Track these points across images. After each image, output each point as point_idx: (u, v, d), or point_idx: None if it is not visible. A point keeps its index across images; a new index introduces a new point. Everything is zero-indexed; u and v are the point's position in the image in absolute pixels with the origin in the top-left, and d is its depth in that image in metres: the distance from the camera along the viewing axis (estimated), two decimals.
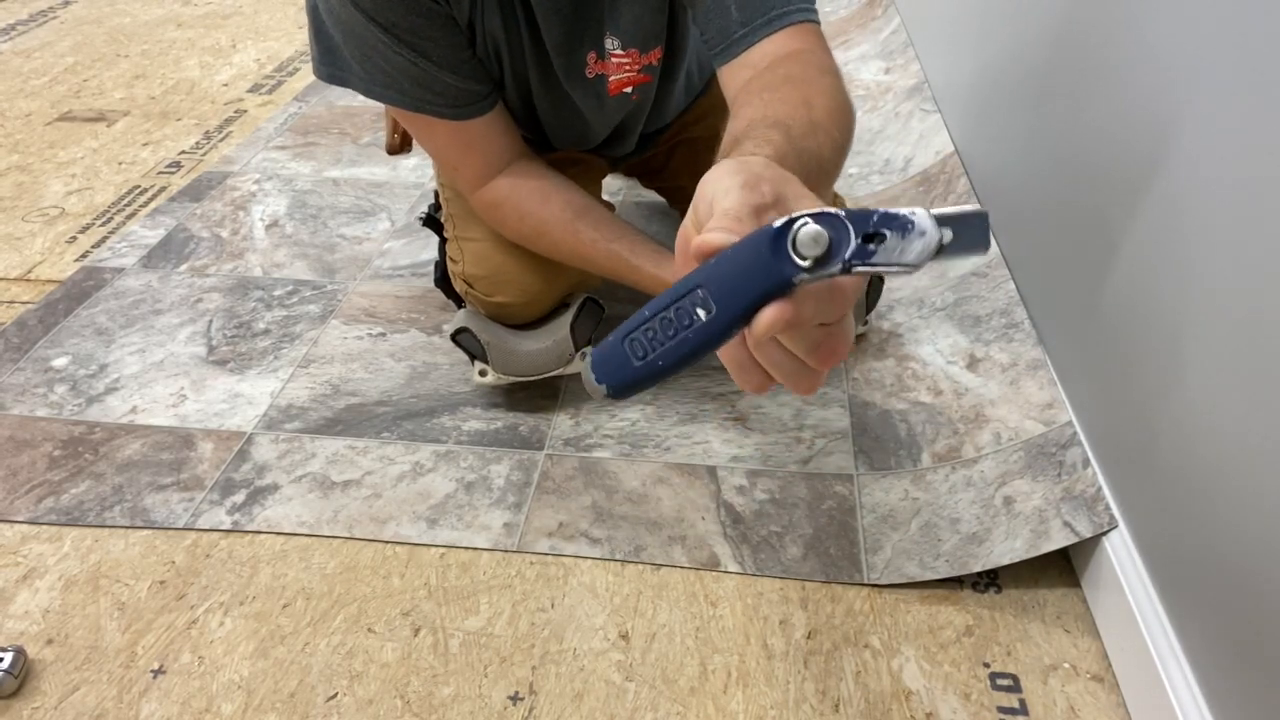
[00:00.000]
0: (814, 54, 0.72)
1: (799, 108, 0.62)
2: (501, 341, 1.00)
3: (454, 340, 1.01)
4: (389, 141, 1.18)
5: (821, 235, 0.36)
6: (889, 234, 0.36)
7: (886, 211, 0.36)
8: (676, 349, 0.38)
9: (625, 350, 0.39)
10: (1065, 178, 0.98)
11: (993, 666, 0.79)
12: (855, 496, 0.95)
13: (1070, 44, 1.00)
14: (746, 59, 0.73)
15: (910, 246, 0.36)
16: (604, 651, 0.81)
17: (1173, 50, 0.77)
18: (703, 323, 0.38)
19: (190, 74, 2.04)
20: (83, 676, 0.79)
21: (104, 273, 1.33)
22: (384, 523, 0.93)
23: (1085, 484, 0.84)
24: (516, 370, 1.01)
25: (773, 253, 0.37)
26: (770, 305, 0.37)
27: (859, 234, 0.36)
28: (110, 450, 1.02)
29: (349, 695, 0.77)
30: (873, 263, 0.36)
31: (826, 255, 0.36)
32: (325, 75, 0.86)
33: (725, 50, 0.75)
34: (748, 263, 0.37)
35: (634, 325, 0.39)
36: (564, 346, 1.01)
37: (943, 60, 1.61)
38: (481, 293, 1.01)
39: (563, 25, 0.85)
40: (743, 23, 0.73)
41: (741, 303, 0.37)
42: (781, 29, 0.73)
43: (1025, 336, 1.03)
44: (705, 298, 0.38)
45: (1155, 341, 0.77)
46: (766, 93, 0.65)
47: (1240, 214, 0.65)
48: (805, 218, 0.36)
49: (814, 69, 0.70)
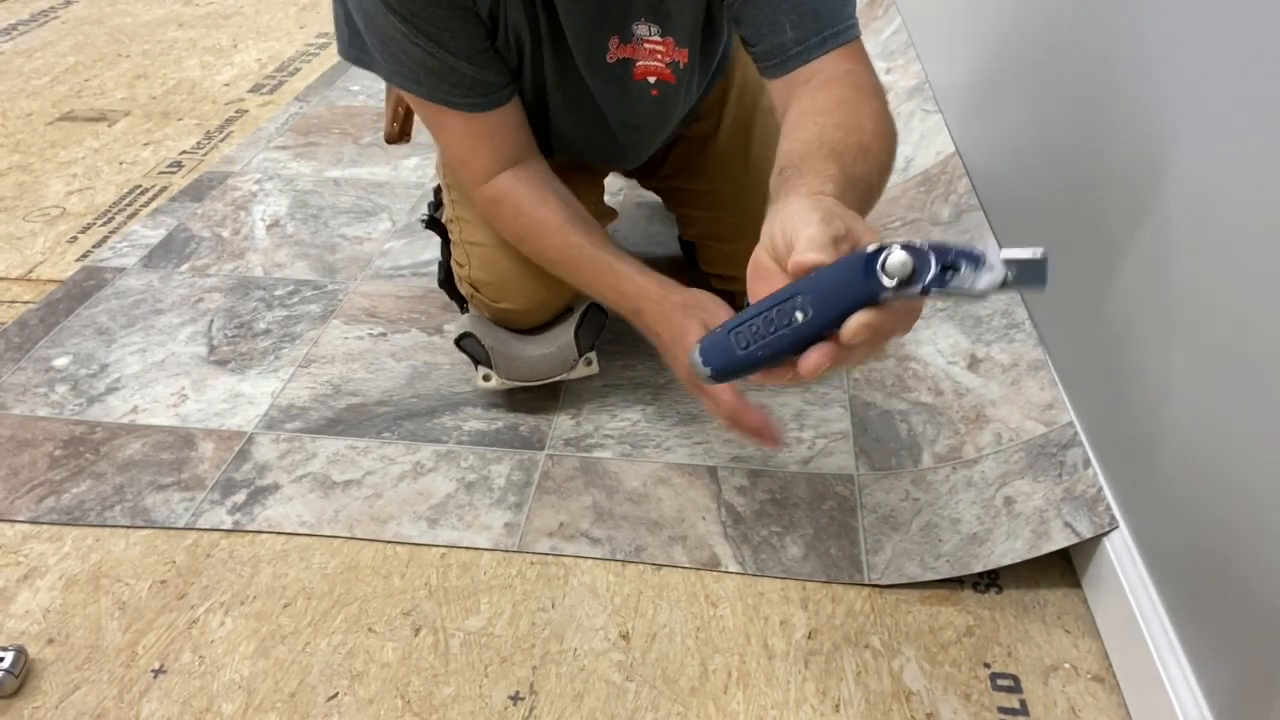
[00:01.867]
0: (862, 75, 0.76)
1: (851, 133, 0.68)
2: (506, 347, 1.01)
3: (458, 345, 1.01)
4: (388, 130, 1.17)
5: (908, 262, 0.44)
6: (964, 266, 0.44)
7: (963, 248, 0.44)
8: (775, 343, 0.46)
9: (730, 340, 0.47)
10: (1066, 178, 0.98)
11: (993, 667, 0.79)
12: (856, 497, 0.95)
13: (1071, 44, 1.00)
14: (798, 76, 0.77)
15: (980, 278, 0.44)
16: (604, 651, 0.81)
17: (1174, 50, 0.77)
18: (800, 323, 0.46)
19: (191, 74, 2.04)
20: (83, 676, 0.79)
21: (105, 272, 1.33)
22: (385, 522, 0.93)
23: (1086, 484, 0.84)
24: (521, 376, 1.01)
25: (866, 272, 0.45)
26: (859, 313, 0.45)
27: (939, 264, 0.44)
28: (111, 450, 1.02)
29: (349, 695, 0.77)
30: (948, 289, 0.45)
31: (910, 278, 0.44)
32: (351, 58, 0.88)
33: (778, 66, 0.78)
34: (844, 278, 0.45)
35: (740, 321, 0.47)
36: (568, 352, 1.01)
37: (943, 61, 1.61)
38: (487, 298, 1.01)
39: (583, 10, 0.85)
40: (798, 41, 0.76)
41: (836, 310, 0.45)
42: (834, 49, 0.76)
43: (1026, 337, 1.03)
44: (804, 304, 0.45)
45: (1156, 342, 0.77)
46: (821, 116, 0.70)
47: (1241, 214, 0.65)
48: (896, 245, 0.44)
49: (864, 93, 0.74)
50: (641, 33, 0.88)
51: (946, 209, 1.33)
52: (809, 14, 0.76)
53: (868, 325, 0.45)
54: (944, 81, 1.58)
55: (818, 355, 0.47)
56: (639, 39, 0.89)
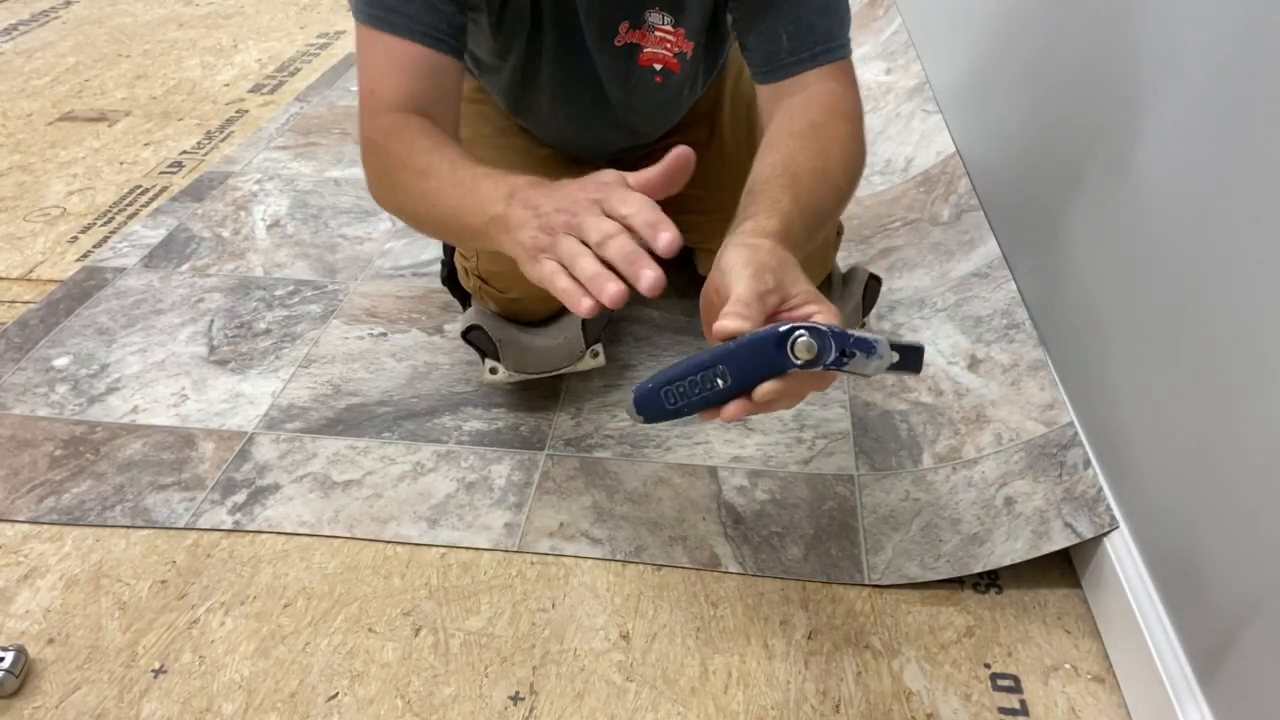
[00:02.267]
0: (844, 96, 0.80)
1: (815, 157, 0.73)
2: (513, 339, 1.00)
3: (465, 338, 1.01)
4: None
5: (812, 345, 0.53)
6: (858, 353, 0.54)
7: (860, 336, 0.54)
8: (699, 403, 0.56)
9: (661, 397, 0.57)
10: (1066, 178, 0.98)
11: (993, 667, 0.79)
12: (856, 497, 0.95)
13: (1071, 45, 1.00)
14: (786, 86, 0.81)
15: (870, 364, 0.55)
16: (605, 652, 0.81)
17: (1174, 50, 0.77)
18: (720, 389, 0.55)
19: (192, 74, 2.04)
20: (84, 676, 0.79)
21: (105, 272, 1.33)
22: (385, 523, 0.93)
23: (1086, 485, 0.84)
24: (529, 367, 1.01)
25: (777, 350, 0.53)
26: (769, 382, 0.54)
27: (838, 349, 0.53)
28: (111, 450, 1.02)
29: (350, 695, 0.77)
30: (843, 369, 0.54)
31: (814, 359, 0.53)
32: None
33: (770, 73, 0.82)
34: (759, 353, 0.54)
35: (669, 380, 0.56)
36: (575, 343, 1.01)
37: (944, 61, 1.61)
38: (497, 288, 1.01)
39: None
40: (791, 51, 0.80)
41: (750, 380, 0.54)
42: (824, 64, 0.80)
43: (1026, 337, 1.03)
44: (725, 372, 0.55)
45: (1157, 342, 0.77)
46: (791, 140, 0.75)
47: (1241, 214, 0.65)
48: (802, 330, 0.53)
49: (838, 115, 0.78)
50: (654, 20, 0.90)
51: (946, 209, 1.33)
52: (805, 28, 0.80)
53: (776, 390, 0.55)
54: (944, 81, 1.58)
55: (735, 408, 0.56)
56: (650, 26, 0.90)
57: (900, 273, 1.25)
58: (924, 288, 1.21)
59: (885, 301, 1.19)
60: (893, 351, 0.55)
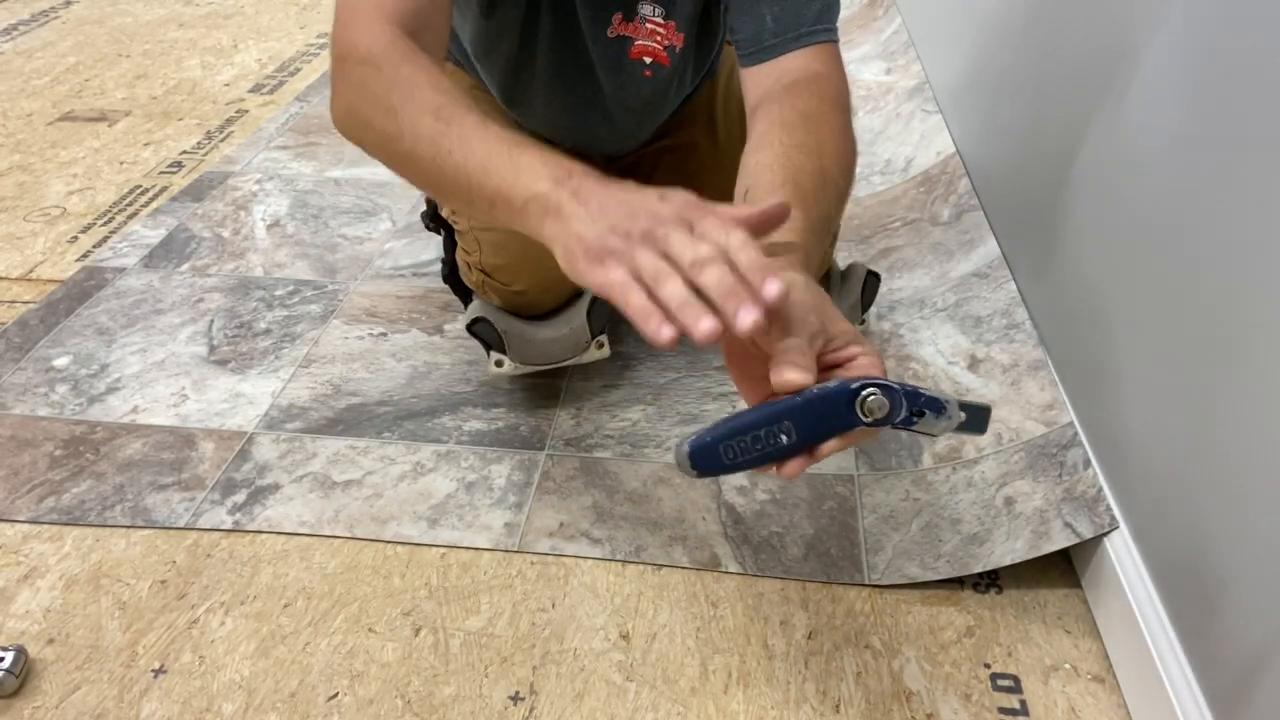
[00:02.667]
0: (831, 81, 0.79)
1: (812, 157, 0.69)
2: (518, 331, 1.00)
3: (470, 331, 1.01)
4: None
5: (884, 404, 0.51)
6: (928, 413, 0.52)
7: (931, 396, 0.53)
8: (760, 459, 0.52)
9: (720, 452, 0.52)
10: (1066, 178, 0.98)
11: (994, 667, 0.79)
12: (856, 497, 0.95)
13: (1072, 45, 1.00)
14: (771, 68, 0.80)
15: (939, 424, 0.53)
16: (605, 652, 0.81)
17: (1175, 51, 0.77)
18: (783, 445, 0.52)
19: (192, 74, 2.04)
20: (83, 676, 0.79)
21: (105, 272, 1.33)
22: (385, 522, 0.93)
23: (1086, 485, 0.84)
24: (534, 359, 1.01)
25: (846, 409, 0.51)
26: (834, 438, 0.52)
27: (910, 409, 0.52)
28: (111, 450, 1.02)
29: (350, 695, 0.77)
30: (911, 429, 0.53)
31: (884, 418, 0.51)
32: None
33: (754, 55, 0.81)
34: (827, 412, 0.52)
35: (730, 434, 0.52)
36: (581, 334, 1.01)
37: (944, 61, 1.61)
38: (500, 281, 1.00)
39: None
40: (775, 33, 0.80)
41: (816, 436, 0.52)
42: (809, 46, 0.80)
43: (1026, 337, 1.03)
44: (790, 428, 0.51)
45: (1157, 342, 0.77)
46: (785, 134, 0.71)
47: (1241, 214, 0.65)
48: (874, 389, 0.51)
49: (828, 103, 0.76)
50: (645, 12, 0.90)
51: (947, 209, 1.33)
52: (790, 9, 0.80)
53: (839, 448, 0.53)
54: (944, 81, 1.58)
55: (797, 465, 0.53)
56: (642, 18, 0.91)
57: (900, 273, 1.25)
58: (924, 288, 1.21)
59: (885, 301, 1.19)
60: (961, 412, 0.53)
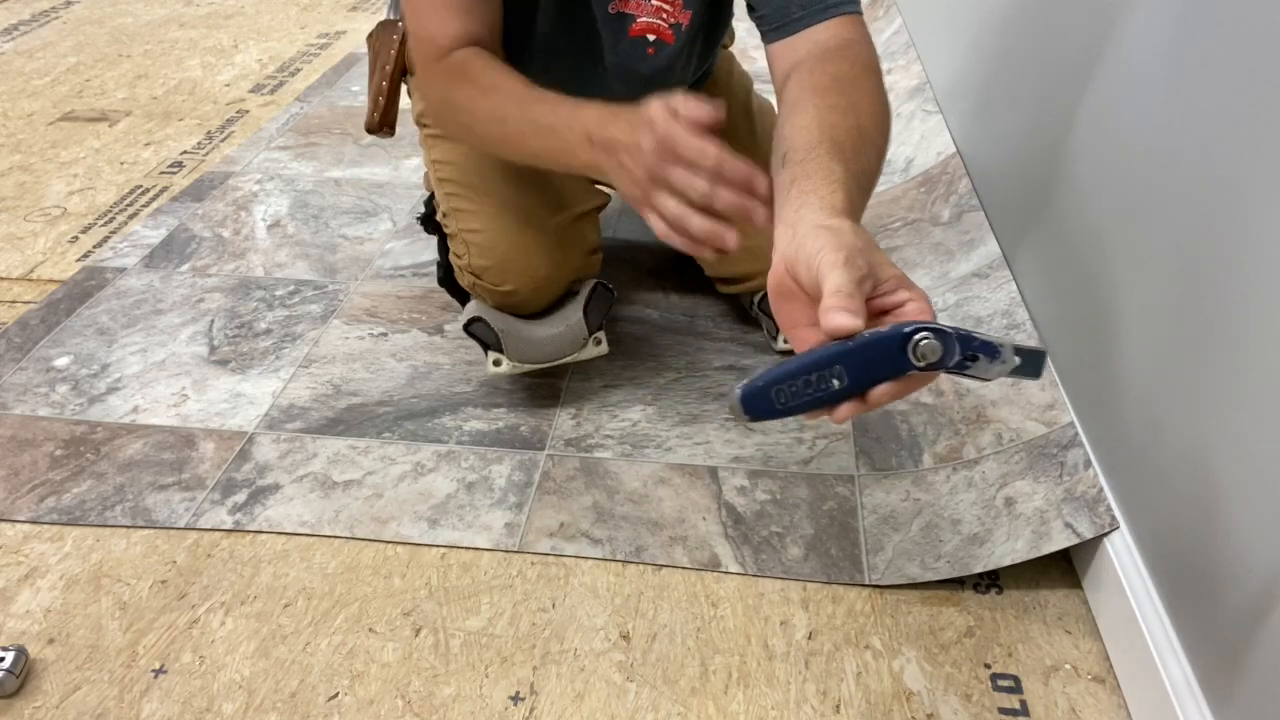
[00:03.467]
0: (861, 47, 0.79)
1: (848, 116, 0.70)
2: (515, 329, 1.00)
3: (467, 331, 1.01)
4: (368, 120, 1.16)
5: (937, 348, 0.50)
6: (981, 357, 0.51)
7: (985, 340, 0.51)
8: (811, 403, 0.52)
9: (771, 395, 0.52)
10: (1066, 178, 0.98)
11: (994, 667, 0.79)
12: (856, 497, 0.95)
13: (1072, 45, 1.00)
14: (798, 41, 0.80)
15: (994, 368, 0.51)
16: (605, 652, 0.81)
17: (1175, 50, 0.77)
18: (835, 390, 0.51)
19: (192, 74, 2.04)
20: (84, 676, 0.79)
21: (106, 272, 1.33)
22: (385, 523, 0.93)
23: (1086, 485, 0.84)
24: (532, 357, 1.01)
25: (899, 351, 0.50)
26: (887, 383, 0.51)
27: (963, 352, 0.50)
28: (112, 450, 1.02)
29: (350, 695, 0.77)
30: (965, 373, 0.51)
31: (937, 362, 0.50)
32: None
33: (780, 29, 0.81)
34: (879, 356, 0.50)
35: (782, 378, 0.52)
36: (578, 331, 1.00)
37: (944, 61, 1.61)
38: (490, 282, 1.00)
39: None
40: (802, 5, 0.80)
41: (868, 381, 0.51)
42: (836, 16, 0.79)
43: (1026, 337, 1.03)
44: (841, 373, 0.51)
45: (1157, 343, 0.77)
46: (817, 97, 0.72)
47: (1242, 214, 0.65)
48: (927, 332, 0.50)
49: (860, 66, 0.77)
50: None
51: (947, 209, 1.33)
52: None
53: (892, 391, 0.52)
54: (945, 82, 1.58)
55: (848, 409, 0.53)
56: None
57: None
58: (924, 288, 1.20)
59: None
60: (1015, 355, 0.52)
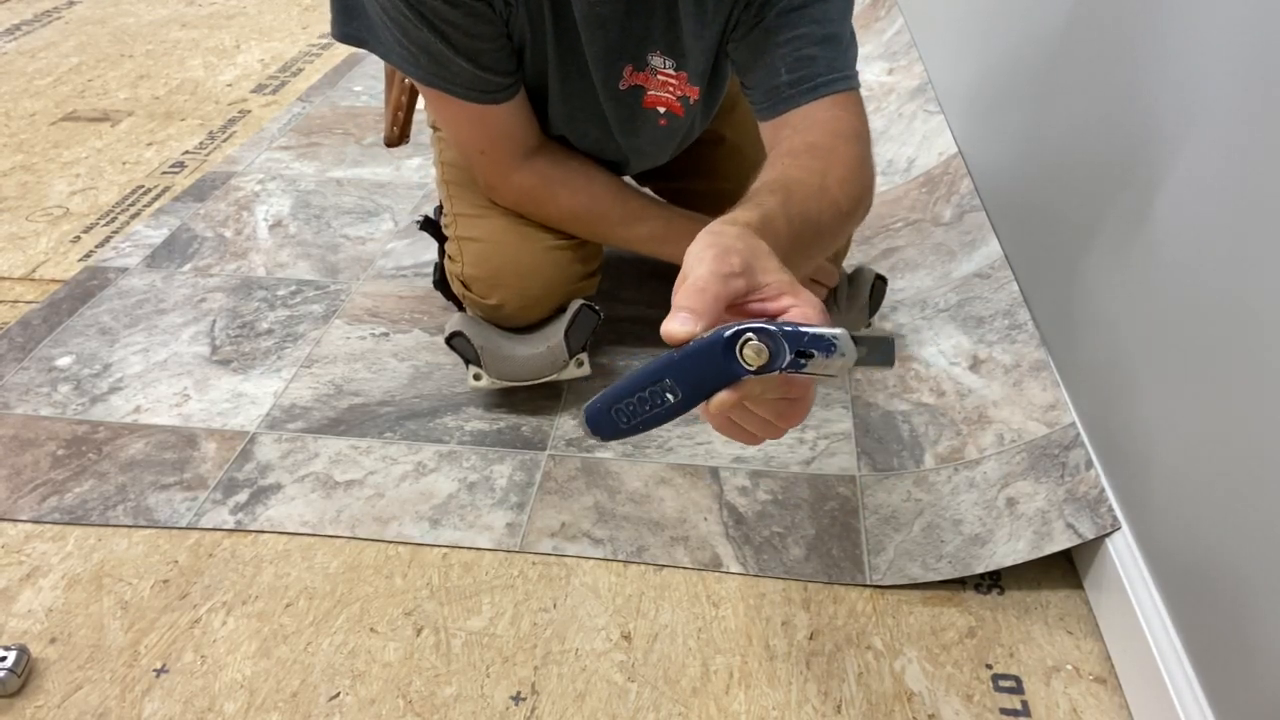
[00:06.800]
0: (846, 121, 0.78)
1: (812, 174, 0.70)
2: (496, 347, 1.00)
3: (448, 344, 1.01)
4: (387, 133, 1.17)
5: (763, 350, 0.46)
6: (816, 353, 0.47)
7: (816, 333, 0.47)
8: (650, 420, 0.50)
9: (613, 416, 0.51)
10: (1068, 178, 0.98)
11: (995, 668, 0.79)
12: (858, 497, 0.95)
13: (1073, 45, 1.00)
14: (788, 119, 0.79)
15: (834, 362, 0.47)
16: (606, 652, 0.81)
17: (1175, 50, 0.77)
18: (671, 404, 0.49)
19: (194, 74, 2.05)
20: (85, 675, 0.79)
21: (108, 272, 1.33)
22: (387, 522, 0.93)
23: (1088, 485, 0.84)
24: (510, 375, 1.01)
25: (725, 358, 0.47)
26: (722, 391, 0.48)
27: (793, 350, 0.46)
28: (114, 449, 1.02)
29: (351, 695, 0.77)
30: (803, 371, 0.47)
31: (768, 364, 0.47)
32: (341, 35, 0.88)
33: (770, 108, 0.80)
34: (705, 363, 0.48)
35: (618, 398, 0.50)
36: (558, 353, 1.00)
37: (946, 61, 1.61)
38: (478, 294, 1.01)
39: (605, 37, 0.86)
40: (791, 85, 0.79)
41: (700, 392, 0.49)
42: (825, 96, 0.78)
43: (1028, 338, 1.03)
44: (673, 385, 0.49)
45: (1158, 343, 0.77)
46: (789, 158, 0.72)
47: (1242, 215, 0.65)
48: (750, 333, 0.46)
49: (841, 138, 0.76)
50: (656, 63, 0.89)
51: (949, 209, 1.33)
52: (805, 60, 0.78)
53: (729, 402, 0.49)
54: (947, 82, 1.58)
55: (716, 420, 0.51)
56: (653, 69, 0.90)
57: (902, 273, 1.25)
58: (926, 288, 1.21)
59: (888, 302, 1.19)
60: (858, 347, 0.48)
